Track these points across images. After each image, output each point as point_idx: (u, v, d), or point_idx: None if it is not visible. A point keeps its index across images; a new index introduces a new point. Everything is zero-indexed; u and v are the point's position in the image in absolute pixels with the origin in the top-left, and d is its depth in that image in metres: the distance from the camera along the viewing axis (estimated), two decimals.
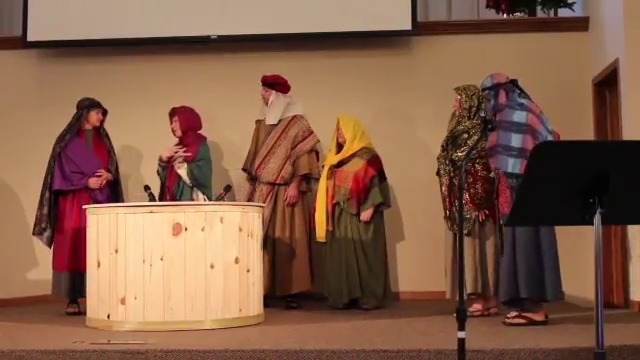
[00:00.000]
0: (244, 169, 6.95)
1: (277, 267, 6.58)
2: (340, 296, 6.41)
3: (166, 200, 6.49)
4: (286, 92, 6.85)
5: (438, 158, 6.06)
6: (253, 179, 6.82)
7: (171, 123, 6.82)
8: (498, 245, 5.79)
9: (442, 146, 6.04)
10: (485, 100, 5.58)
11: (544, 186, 2.99)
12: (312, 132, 6.78)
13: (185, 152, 6.60)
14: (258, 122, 6.93)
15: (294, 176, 6.68)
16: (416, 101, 7.43)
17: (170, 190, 6.60)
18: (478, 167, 5.81)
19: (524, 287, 5.27)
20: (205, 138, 6.83)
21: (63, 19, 7.57)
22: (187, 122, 6.79)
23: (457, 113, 6.03)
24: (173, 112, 6.83)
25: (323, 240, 6.51)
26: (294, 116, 6.80)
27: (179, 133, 6.79)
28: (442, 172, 6.00)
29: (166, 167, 6.67)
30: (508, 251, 5.38)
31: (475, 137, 5.82)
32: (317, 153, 6.87)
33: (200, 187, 6.59)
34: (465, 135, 5.91)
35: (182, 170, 6.62)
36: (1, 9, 8.41)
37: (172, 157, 6.63)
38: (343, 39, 7.52)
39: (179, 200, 6.47)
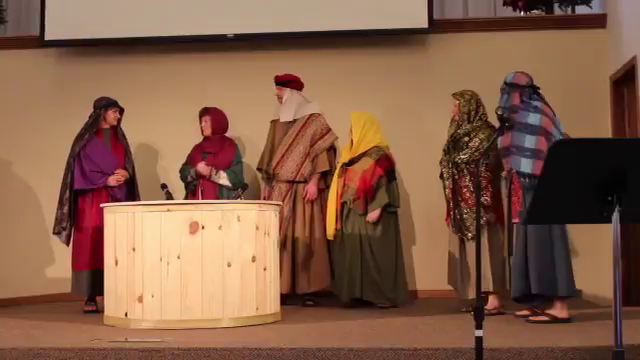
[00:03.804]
0: (259, 168, 6.96)
1: (297, 266, 6.58)
2: (341, 295, 6.42)
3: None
4: (300, 89, 6.86)
5: (441, 162, 6.12)
6: (269, 178, 6.82)
7: (201, 122, 6.85)
8: (504, 246, 5.81)
9: (444, 150, 6.11)
10: (500, 93, 5.59)
11: (561, 184, 2.97)
12: (330, 129, 6.77)
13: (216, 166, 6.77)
14: (273, 122, 6.92)
15: (313, 173, 6.68)
16: (432, 99, 7.40)
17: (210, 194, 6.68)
18: (481, 168, 5.84)
19: (535, 284, 5.30)
20: (234, 140, 6.98)
21: (80, 19, 7.60)
22: (217, 124, 6.88)
23: (456, 118, 6.11)
24: (205, 112, 6.88)
25: (332, 239, 6.50)
26: (311, 114, 6.78)
27: (208, 133, 6.84)
28: (445, 175, 6.05)
29: (197, 180, 6.76)
30: (520, 248, 5.39)
31: (476, 139, 5.96)
32: (335, 150, 6.87)
33: (240, 185, 6.65)
34: (466, 138, 6.01)
35: (224, 179, 6.73)
36: (19, 9, 8.49)
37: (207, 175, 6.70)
38: (359, 37, 7.51)
39: None
